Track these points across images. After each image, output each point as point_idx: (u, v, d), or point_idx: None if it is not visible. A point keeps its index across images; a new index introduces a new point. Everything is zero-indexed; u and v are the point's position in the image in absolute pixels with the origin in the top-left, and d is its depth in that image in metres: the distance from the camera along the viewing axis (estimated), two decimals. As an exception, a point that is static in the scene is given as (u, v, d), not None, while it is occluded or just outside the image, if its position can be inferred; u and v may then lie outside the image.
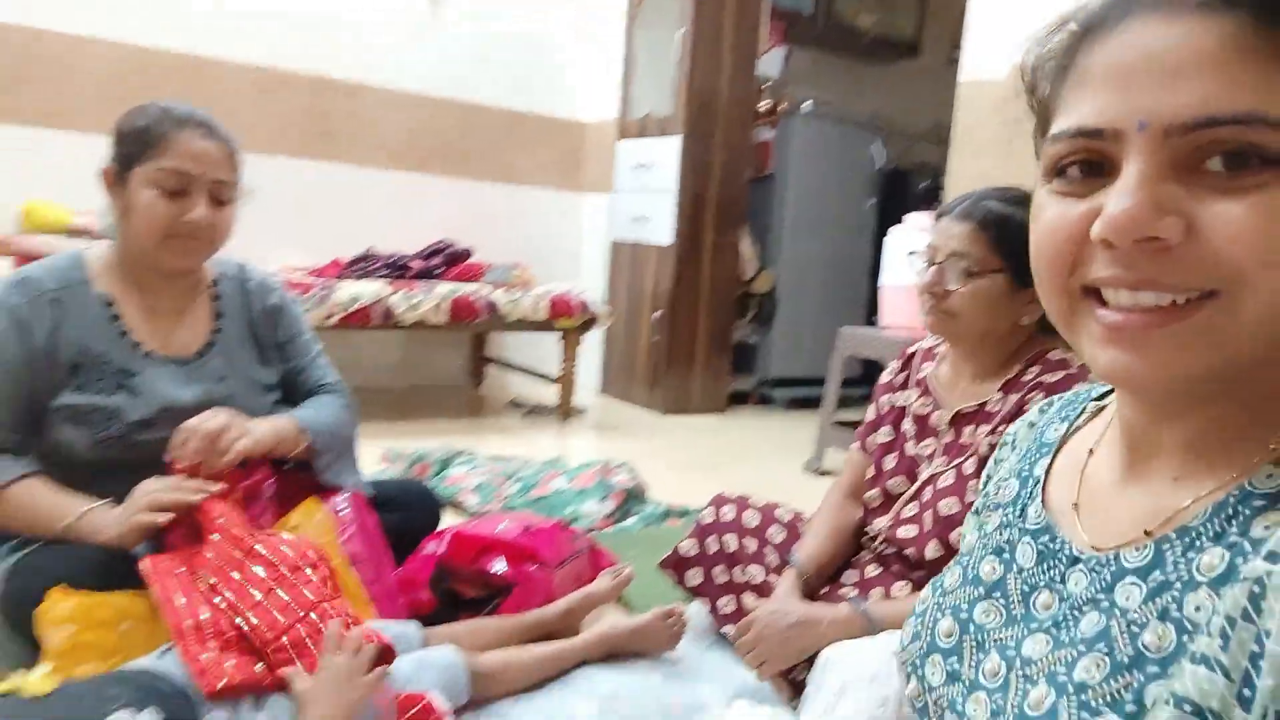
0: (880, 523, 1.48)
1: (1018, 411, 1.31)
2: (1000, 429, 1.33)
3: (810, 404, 4.24)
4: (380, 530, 1.49)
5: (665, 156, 3.81)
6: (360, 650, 1.05)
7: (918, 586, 1.42)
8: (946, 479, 1.39)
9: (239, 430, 1.30)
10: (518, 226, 4.18)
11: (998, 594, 0.60)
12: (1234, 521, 0.48)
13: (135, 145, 1.30)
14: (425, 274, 3.40)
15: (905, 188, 4.68)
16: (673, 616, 1.55)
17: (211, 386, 1.40)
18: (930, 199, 4.72)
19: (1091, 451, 0.61)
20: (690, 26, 3.66)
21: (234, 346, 1.47)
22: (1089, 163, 0.48)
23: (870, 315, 4.37)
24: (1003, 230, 1.30)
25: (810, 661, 1.32)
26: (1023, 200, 1.33)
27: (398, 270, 3.37)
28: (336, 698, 1.00)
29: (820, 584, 1.49)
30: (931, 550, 1.38)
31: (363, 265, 3.38)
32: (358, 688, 1.02)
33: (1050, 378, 1.30)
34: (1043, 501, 0.61)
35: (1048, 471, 0.64)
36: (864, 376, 4.42)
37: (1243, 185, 0.43)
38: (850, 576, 1.51)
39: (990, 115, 2.43)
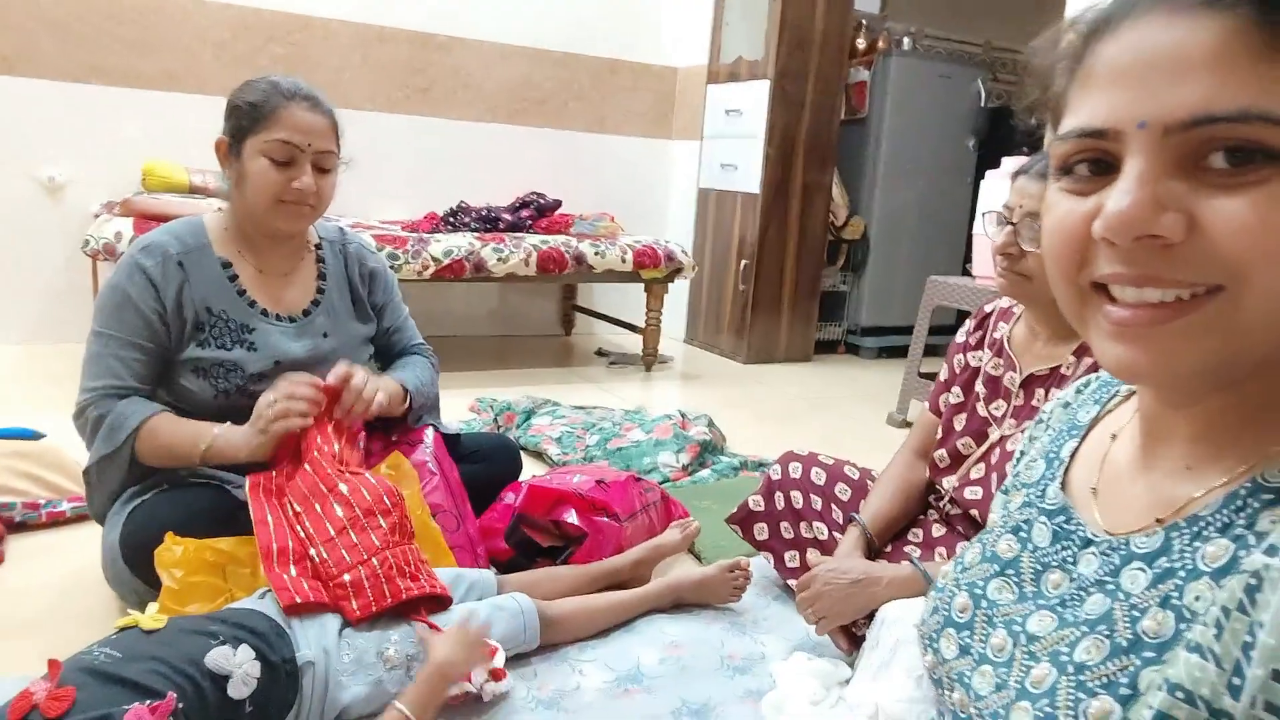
0: (948, 482, 1.48)
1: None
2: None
3: (899, 353, 4.17)
4: (460, 482, 1.58)
5: (755, 101, 3.74)
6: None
7: (982, 548, 1.42)
8: (1015, 442, 1.38)
9: (375, 386, 1.45)
10: (607, 176, 4.21)
11: (1011, 571, 0.62)
12: (1242, 513, 0.48)
13: (247, 119, 1.41)
14: (515, 226, 3.47)
15: (1010, 127, 4.44)
16: (737, 570, 1.60)
17: (319, 341, 1.53)
18: (1039, 139, 4.50)
19: (1115, 436, 0.61)
20: (781, -35, 3.56)
21: (336, 305, 1.59)
22: (1096, 161, 0.49)
23: (967, 263, 4.23)
24: None
25: (871, 617, 1.35)
26: None
27: (489, 223, 3.45)
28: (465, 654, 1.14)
29: (884, 542, 1.51)
30: (996, 513, 1.37)
31: (456, 219, 3.48)
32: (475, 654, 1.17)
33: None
34: (1063, 484, 0.62)
35: (1074, 454, 0.64)
36: (955, 326, 4.30)
37: (1244, 181, 0.43)
38: (915, 535, 1.52)
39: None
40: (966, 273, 3.29)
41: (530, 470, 2.10)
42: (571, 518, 1.63)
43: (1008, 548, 0.64)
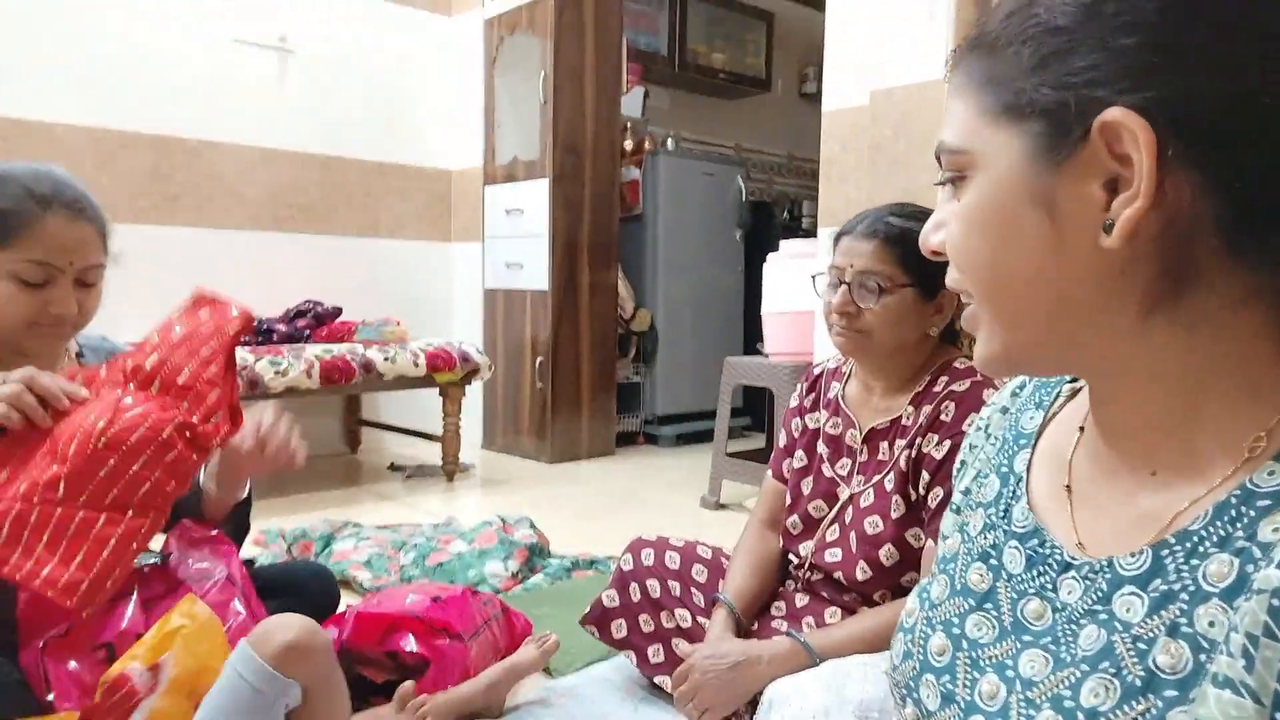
0: (804, 548, 1.45)
1: (932, 423, 1.31)
2: (917, 441, 1.33)
3: (696, 438, 4.25)
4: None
5: (535, 201, 3.76)
6: None
7: (849, 611, 1.39)
8: (867, 498, 1.38)
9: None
10: (387, 281, 4.02)
11: (989, 605, 0.57)
12: (1238, 524, 0.45)
13: None
14: (291, 337, 3.20)
15: (768, 219, 4.81)
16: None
17: None
18: (792, 230, 4.87)
19: (1081, 429, 0.58)
20: (551, 70, 3.65)
21: None
22: None
23: (747, 345, 4.44)
24: (907, 245, 1.30)
25: (753, 703, 1.27)
26: (917, 215, 1.35)
27: (261, 335, 3.16)
28: None
29: (751, 619, 1.45)
30: (860, 572, 1.36)
31: (220, 333, 3.14)
32: None
33: (959, 386, 1.31)
34: (1028, 501, 0.58)
35: (1029, 465, 0.61)
36: (744, 407, 4.47)
37: (956, 198, 0.54)
38: (779, 608, 1.47)
39: (852, 141, 2.51)
40: (754, 353, 3.43)
41: (344, 600, 1.85)
42: (411, 643, 1.43)
43: (979, 578, 0.59)
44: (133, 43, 3.28)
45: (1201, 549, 0.46)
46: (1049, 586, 0.54)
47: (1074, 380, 0.63)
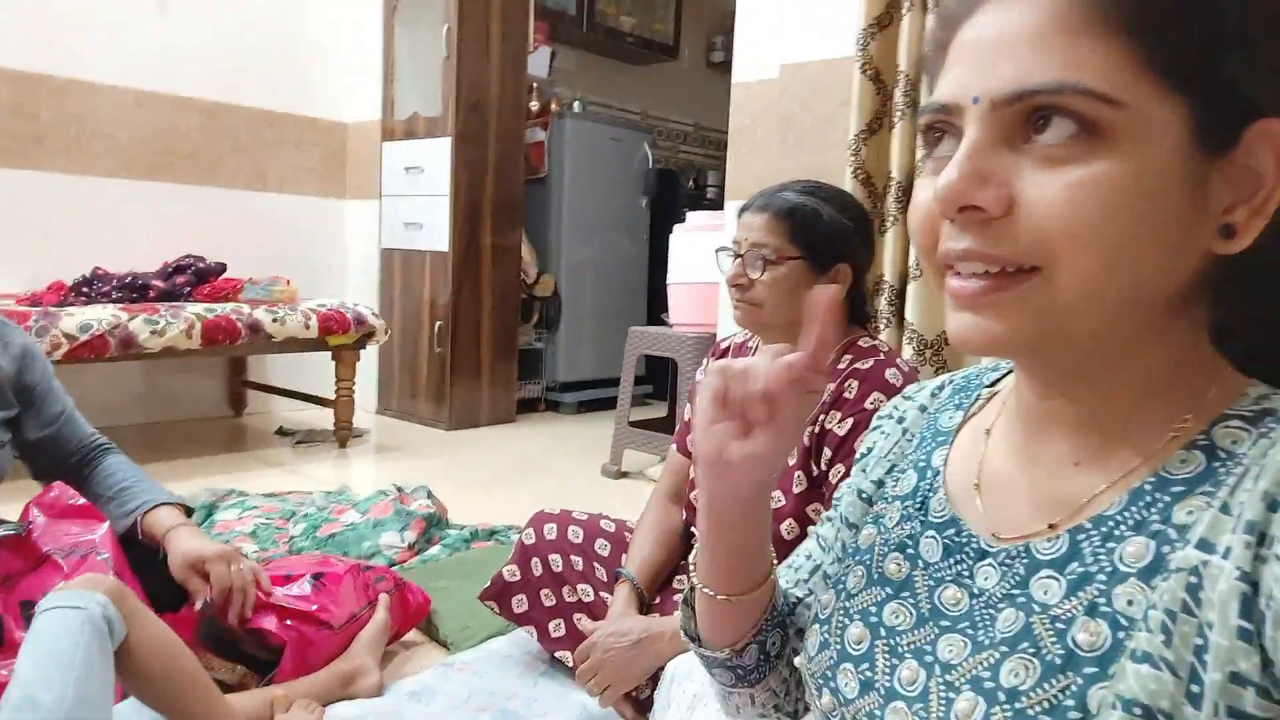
0: (706, 524, 1.45)
1: (835, 400, 1.33)
2: (820, 418, 1.34)
3: (599, 405, 4.24)
4: (146, 598, 1.26)
5: (436, 159, 3.63)
6: None
7: (750, 585, 1.41)
8: (771, 474, 1.39)
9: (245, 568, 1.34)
10: (275, 237, 3.82)
11: (905, 593, 0.57)
12: (1153, 509, 0.47)
13: None
14: (170, 294, 3.01)
15: (675, 187, 4.80)
16: None
17: None
18: (697, 199, 4.88)
19: (989, 432, 0.59)
20: (455, 23, 3.51)
21: None
22: (948, 134, 0.50)
23: (651, 314, 4.43)
24: (798, 219, 1.32)
25: (654, 679, 1.27)
26: (816, 191, 1.37)
27: (135, 291, 2.96)
28: None
29: (653, 593, 1.45)
30: (762, 547, 1.37)
31: (91, 288, 2.93)
32: None
33: (863, 364, 1.33)
34: (945, 494, 0.59)
35: (946, 461, 0.62)
36: (647, 375, 4.48)
37: (1062, 158, 0.44)
38: (680, 582, 1.48)
39: (763, 115, 2.50)
40: (659, 322, 3.43)
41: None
42: (270, 624, 1.37)
43: (896, 568, 0.59)
44: (-12, -35, 2.98)
45: (1117, 532, 0.47)
46: (966, 574, 0.54)
47: (993, 384, 0.64)
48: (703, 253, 2.73)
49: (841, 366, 1.35)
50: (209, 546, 1.33)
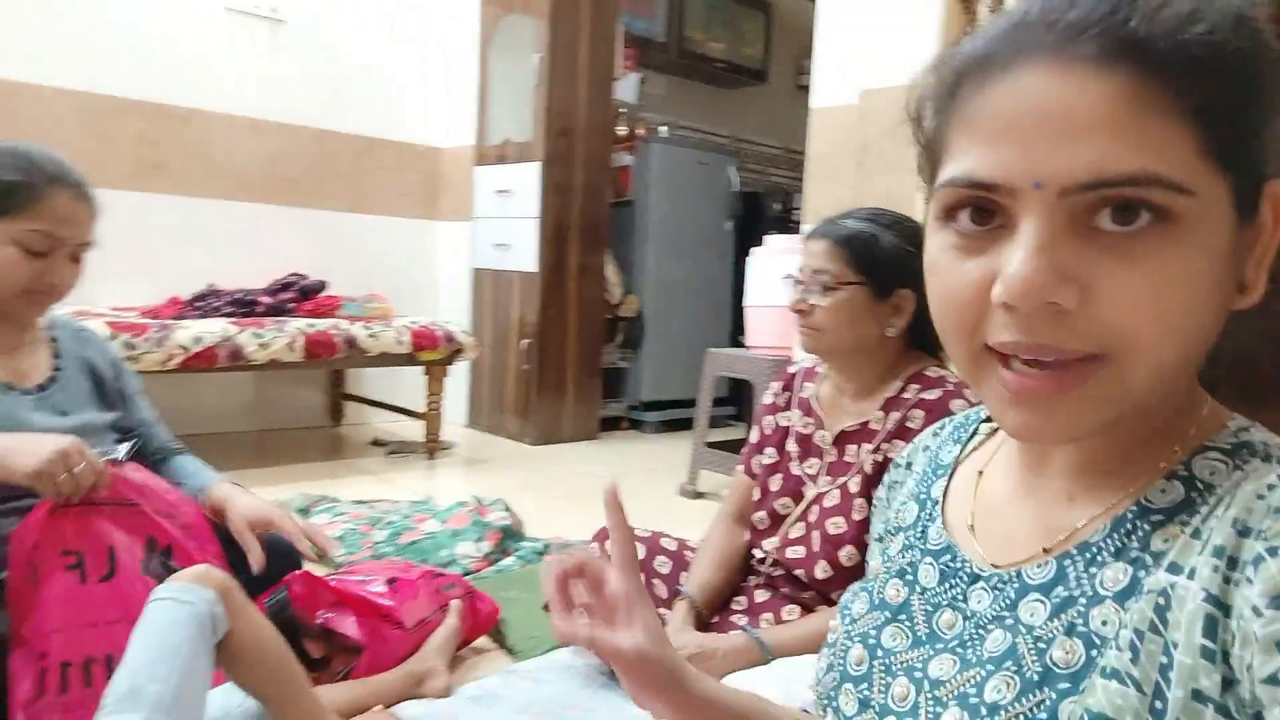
0: (769, 544, 1.47)
1: (899, 429, 1.33)
2: (883, 447, 1.35)
3: (680, 426, 4.27)
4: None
5: (526, 182, 3.75)
6: None
7: (807, 609, 1.42)
8: (832, 498, 1.40)
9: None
10: (373, 257, 4.02)
11: (903, 617, 0.60)
12: (1133, 536, 0.48)
13: (1, 200, 1.25)
14: (276, 310, 3.20)
15: (760, 210, 4.81)
16: None
17: (57, 419, 1.36)
18: (783, 222, 4.88)
19: (981, 474, 0.61)
20: (546, 51, 3.64)
21: (75, 387, 1.42)
22: (981, 210, 0.47)
23: (734, 335, 4.45)
24: (859, 246, 1.35)
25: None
26: (877, 217, 1.38)
27: (245, 307, 3.15)
28: None
29: (712, 613, 1.47)
30: (820, 570, 1.38)
31: (205, 303, 3.14)
32: None
33: (930, 395, 1.33)
34: (943, 522, 0.62)
35: (945, 493, 0.64)
36: (730, 397, 4.49)
37: (1135, 247, 0.43)
38: (740, 603, 1.49)
39: (841, 140, 2.51)
40: (738, 344, 3.44)
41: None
42: (350, 629, 1.44)
43: (896, 593, 0.61)
44: (124, 8, 3.25)
45: (1100, 558, 0.49)
46: (960, 597, 0.56)
47: (990, 419, 0.66)
48: (780, 276, 2.75)
49: (908, 396, 1.36)
50: (268, 505, 1.45)
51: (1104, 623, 0.47)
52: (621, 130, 4.22)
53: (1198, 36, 0.42)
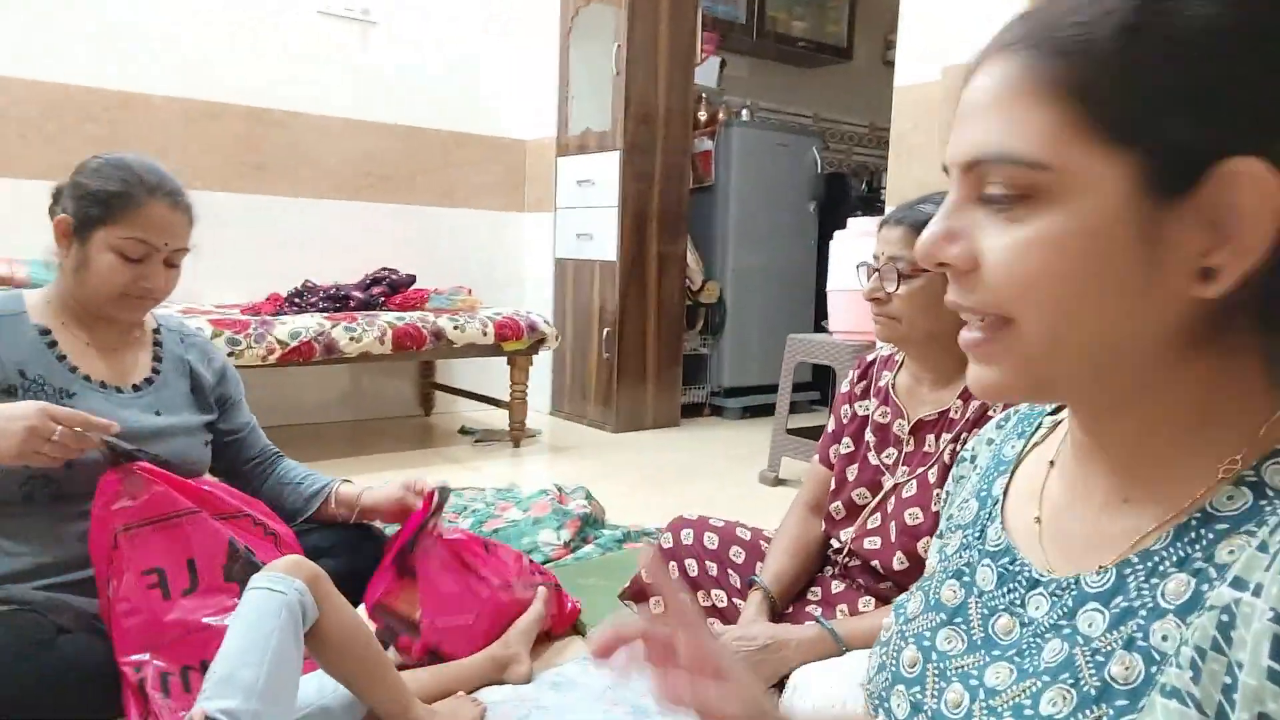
0: (845, 534, 1.46)
1: (980, 418, 1.30)
2: (963, 436, 1.31)
3: (763, 412, 4.24)
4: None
5: (606, 172, 3.78)
6: None
7: (883, 600, 1.40)
8: (910, 489, 1.37)
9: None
10: (461, 250, 4.12)
11: (959, 619, 0.59)
12: (1197, 546, 0.46)
13: (99, 208, 1.32)
14: (367, 304, 3.31)
15: (845, 191, 4.72)
16: None
17: (149, 417, 1.41)
18: (869, 202, 4.77)
19: (1052, 464, 0.59)
20: (625, 40, 3.64)
21: (172, 389, 1.48)
22: None
23: (818, 320, 4.38)
24: None
25: (781, 685, 1.29)
26: None
27: (338, 302, 3.28)
28: None
29: (786, 603, 1.46)
30: (897, 561, 1.35)
31: (301, 299, 3.28)
32: None
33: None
34: (1002, 522, 0.60)
35: (1005, 491, 0.62)
36: (813, 382, 4.43)
37: (1011, 216, 0.47)
38: (815, 594, 1.48)
39: (924, 119, 2.44)
40: (822, 329, 3.39)
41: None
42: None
43: (952, 594, 0.60)
44: (221, 16, 3.41)
45: (1161, 568, 0.47)
46: (1018, 602, 0.55)
47: (1055, 412, 0.63)
48: (856, 263, 2.70)
49: (971, 412, 1.33)
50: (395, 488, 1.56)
51: (1164, 638, 0.45)
52: (702, 115, 4.20)
53: (1079, 19, 0.45)
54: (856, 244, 2.76)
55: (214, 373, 1.55)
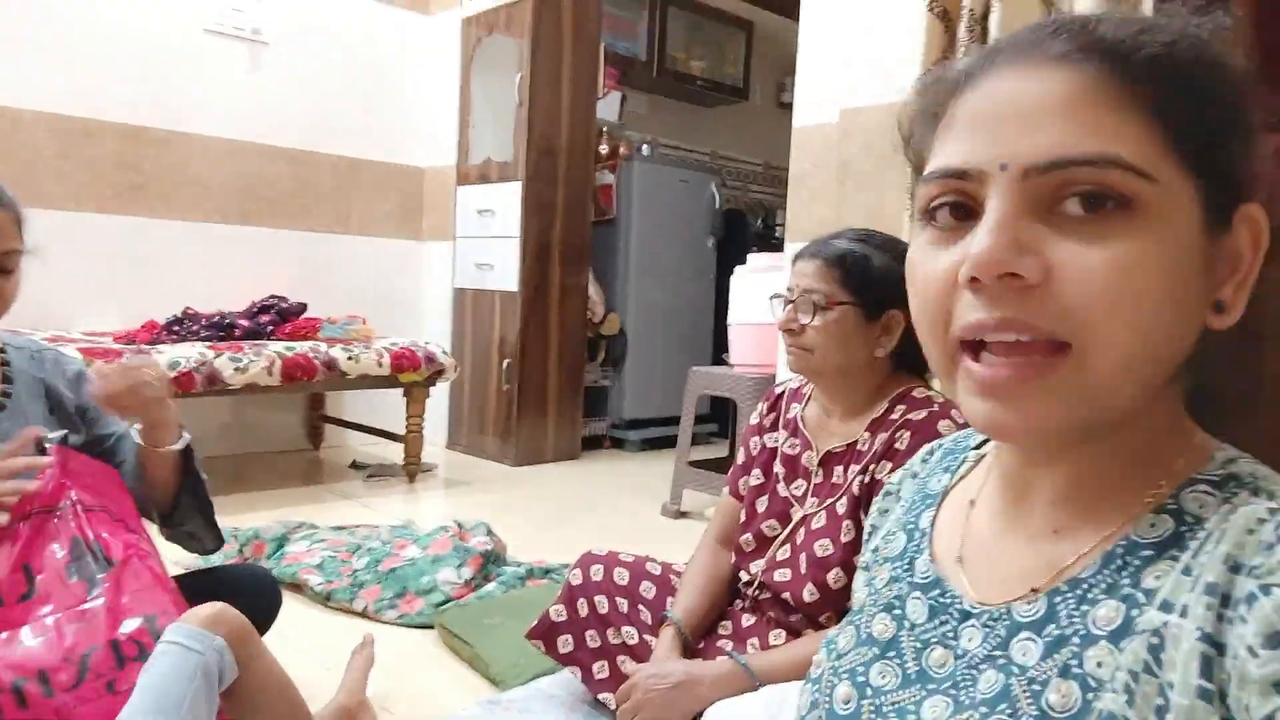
0: (755, 567, 1.45)
1: (886, 450, 1.32)
2: (871, 468, 1.33)
3: (663, 444, 4.25)
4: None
5: (507, 202, 3.74)
6: None
7: (794, 633, 1.40)
8: (819, 520, 1.38)
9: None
10: (355, 278, 3.99)
11: (892, 653, 0.58)
12: (1124, 572, 0.47)
13: None
14: (254, 333, 3.16)
15: (742, 227, 4.82)
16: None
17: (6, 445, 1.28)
18: (765, 238, 4.89)
19: (973, 503, 0.60)
20: (528, 72, 3.63)
21: (27, 409, 1.35)
22: (958, 205, 0.49)
23: (717, 354, 4.45)
24: (849, 265, 1.34)
25: (695, 722, 1.27)
26: (869, 239, 1.38)
27: (222, 330, 3.11)
28: None
29: (698, 638, 1.45)
30: (808, 593, 1.36)
31: (181, 327, 3.10)
32: None
33: (916, 415, 1.32)
34: (930, 555, 0.60)
35: (933, 524, 0.63)
36: (712, 414, 4.48)
37: (1098, 231, 0.44)
38: (725, 627, 1.47)
39: (823, 158, 2.51)
40: (721, 362, 3.43)
41: (290, 605, 1.83)
42: None
43: (884, 628, 0.60)
44: (102, 29, 3.23)
45: (1091, 595, 0.48)
46: (951, 635, 0.55)
47: (979, 447, 0.64)
48: (763, 294, 2.75)
49: (894, 417, 1.35)
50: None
51: (1099, 664, 0.46)
52: (603, 149, 4.22)
53: (1158, 40, 0.45)
54: (758, 279, 2.81)
55: (69, 383, 1.41)
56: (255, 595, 1.50)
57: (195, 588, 1.38)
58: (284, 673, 1.19)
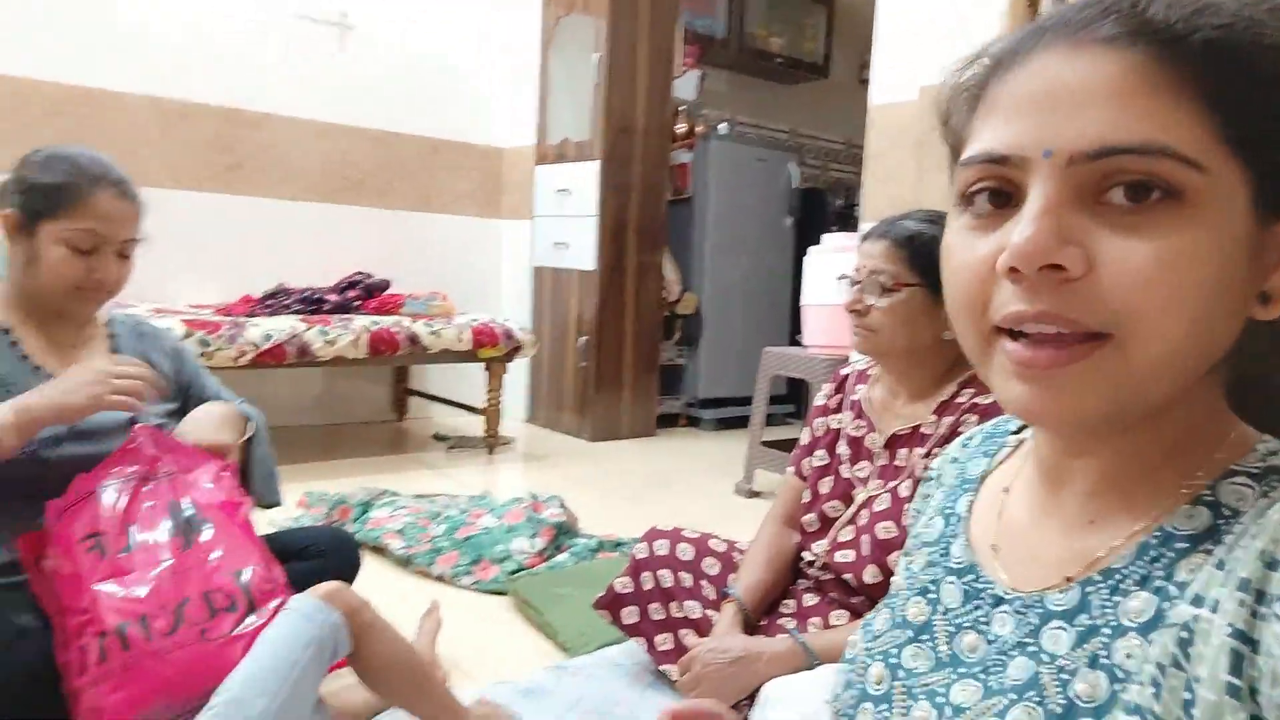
0: (818, 547, 1.47)
1: (952, 434, 1.31)
2: (935, 451, 1.33)
3: (738, 424, 4.26)
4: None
5: (584, 181, 3.78)
6: None
7: (856, 614, 1.41)
8: (882, 502, 1.39)
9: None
10: (437, 256, 4.10)
11: (925, 636, 0.59)
12: (1158, 564, 0.47)
13: (45, 201, 1.30)
14: (342, 308, 3.29)
15: (821, 206, 4.76)
16: None
17: (111, 413, 1.36)
18: (845, 217, 4.81)
19: (1007, 490, 0.60)
20: (606, 51, 3.66)
21: None
22: (997, 191, 0.48)
23: (793, 333, 4.41)
24: (917, 247, 1.33)
25: (753, 697, 1.30)
26: (939, 219, 1.36)
27: (312, 305, 3.25)
28: None
29: (759, 615, 1.47)
30: (870, 575, 1.37)
31: (275, 301, 3.25)
32: None
33: (984, 399, 1.31)
34: (966, 540, 0.60)
35: (970, 508, 0.63)
36: (789, 395, 4.46)
37: (1144, 223, 0.43)
38: (788, 606, 1.49)
39: (899, 138, 2.47)
40: (797, 343, 3.42)
41: (373, 567, 1.92)
42: None
43: (918, 611, 0.60)
44: (198, 16, 3.38)
45: (1123, 586, 0.48)
46: (984, 620, 0.55)
47: (1017, 432, 0.64)
48: (835, 276, 2.72)
49: (961, 400, 1.34)
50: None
51: (1128, 656, 0.46)
52: (681, 128, 4.22)
53: (1213, 23, 0.43)
54: (832, 259, 2.79)
55: (169, 356, 1.53)
56: (337, 555, 1.59)
57: (282, 546, 1.47)
58: (407, 645, 1.26)
